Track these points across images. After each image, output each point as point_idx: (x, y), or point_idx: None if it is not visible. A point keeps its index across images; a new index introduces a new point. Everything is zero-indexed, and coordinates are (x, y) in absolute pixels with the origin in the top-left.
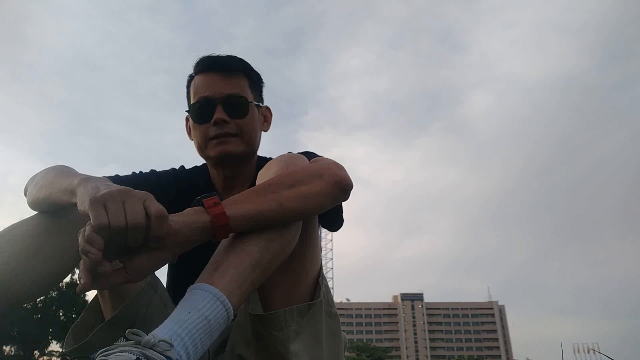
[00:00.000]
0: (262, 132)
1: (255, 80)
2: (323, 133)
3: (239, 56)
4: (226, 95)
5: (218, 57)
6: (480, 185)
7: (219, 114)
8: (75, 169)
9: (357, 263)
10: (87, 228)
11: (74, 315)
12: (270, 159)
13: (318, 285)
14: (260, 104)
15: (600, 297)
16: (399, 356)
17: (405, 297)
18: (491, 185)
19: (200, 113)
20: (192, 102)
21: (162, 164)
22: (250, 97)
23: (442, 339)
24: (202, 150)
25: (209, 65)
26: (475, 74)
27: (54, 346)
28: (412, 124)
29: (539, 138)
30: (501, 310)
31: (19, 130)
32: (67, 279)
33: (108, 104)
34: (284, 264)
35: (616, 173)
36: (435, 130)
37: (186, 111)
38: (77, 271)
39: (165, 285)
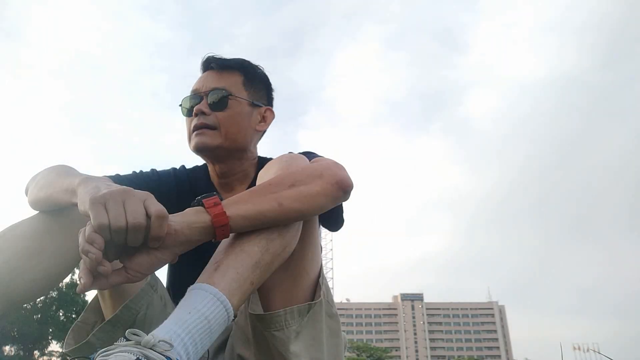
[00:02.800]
0: (261, 132)
1: (253, 80)
2: (323, 133)
3: (241, 56)
4: (211, 89)
5: (213, 56)
6: (480, 185)
7: (200, 105)
8: (76, 169)
9: (357, 263)
10: (88, 228)
11: (74, 315)
12: (271, 159)
13: (318, 285)
14: (259, 104)
15: (600, 297)
16: (399, 356)
17: (405, 297)
18: (491, 185)
19: (186, 106)
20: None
21: (162, 164)
22: (240, 93)
23: (442, 339)
24: (188, 142)
25: (204, 64)
26: (476, 73)
27: (54, 346)
28: (412, 123)
29: (539, 138)
30: (501, 310)
31: (19, 130)
32: (67, 279)
33: (108, 104)
34: (284, 264)
35: (617, 173)
36: (435, 130)
37: (179, 105)
38: (77, 271)
39: (165, 285)
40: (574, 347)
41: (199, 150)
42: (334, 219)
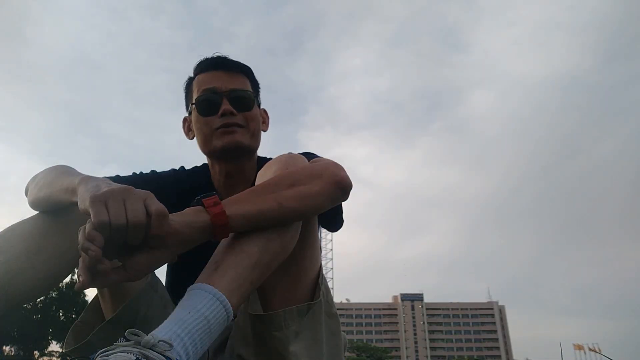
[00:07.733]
0: (262, 133)
1: (254, 84)
2: (323, 133)
3: (241, 56)
4: (232, 89)
5: (221, 56)
6: (481, 185)
7: (226, 105)
8: (76, 169)
9: (357, 263)
10: (88, 225)
11: (74, 315)
12: (270, 159)
13: (318, 285)
14: (259, 107)
15: (600, 297)
16: (399, 356)
17: (405, 297)
18: (492, 185)
19: (207, 105)
20: (197, 96)
21: (162, 164)
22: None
23: (442, 339)
24: (207, 141)
25: (213, 64)
26: (477, 73)
27: (54, 346)
28: (413, 123)
29: (540, 138)
30: (501, 310)
31: (20, 130)
32: (67, 279)
33: (108, 103)
34: (284, 264)
35: (619, 173)
36: (436, 129)
37: (192, 103)
38: (77, 271)
39: (165, 285)
40: (575, 346)
41: (229, 149)
42: (333, 219)
